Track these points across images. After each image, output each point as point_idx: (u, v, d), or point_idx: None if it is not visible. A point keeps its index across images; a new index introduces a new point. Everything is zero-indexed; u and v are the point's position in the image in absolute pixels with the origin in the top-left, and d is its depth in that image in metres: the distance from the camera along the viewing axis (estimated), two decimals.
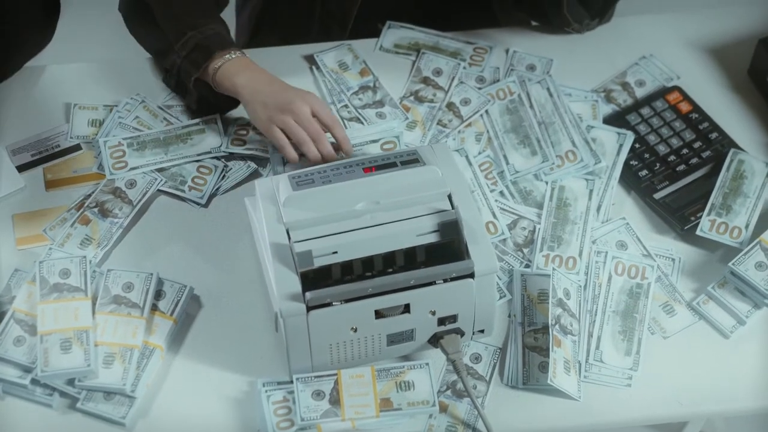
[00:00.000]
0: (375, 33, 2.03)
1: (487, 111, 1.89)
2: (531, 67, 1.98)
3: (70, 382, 1.56)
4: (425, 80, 1.95)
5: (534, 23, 2.10)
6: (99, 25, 2.99)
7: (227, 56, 1.79)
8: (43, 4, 1.94)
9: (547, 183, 1.80)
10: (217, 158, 1.83)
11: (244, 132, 1.85)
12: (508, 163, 1.83)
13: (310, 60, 1.98)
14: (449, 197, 1.56)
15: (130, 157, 1.79)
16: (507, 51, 2.01)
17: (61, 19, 1.98)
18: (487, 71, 1.98)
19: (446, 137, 1.86)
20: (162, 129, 1.84)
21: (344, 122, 1.88)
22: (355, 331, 1.53)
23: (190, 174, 1.81)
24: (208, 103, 1.86)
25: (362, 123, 1.87)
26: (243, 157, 1.84)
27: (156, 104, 1.89)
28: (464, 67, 1.97)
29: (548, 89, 1.91)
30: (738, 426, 2.23)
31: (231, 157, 1.83)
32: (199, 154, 1.82)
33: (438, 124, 1.88)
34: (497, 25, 2.11)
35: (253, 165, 1.83)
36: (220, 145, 1.83)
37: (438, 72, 1.96)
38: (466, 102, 1.91)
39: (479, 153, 1.85)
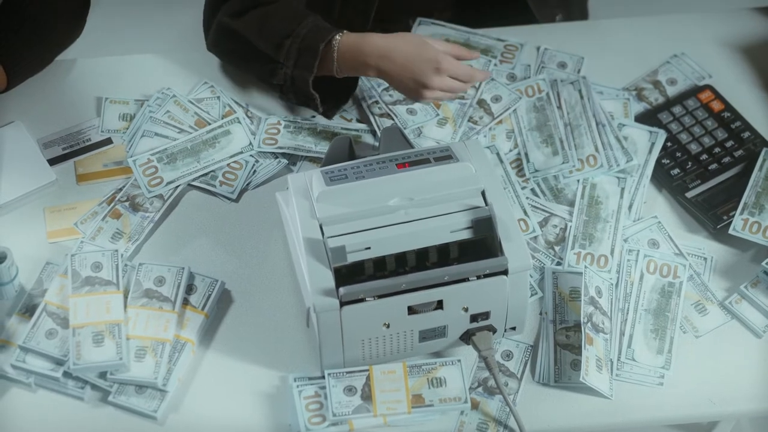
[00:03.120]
0: (406, 30, 2.03)
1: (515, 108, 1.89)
2: (562, 65, 1.97)
3: (102, 375, 1.56)
4: None
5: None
6: (129, 18, 3.00)
7: (333, 42, 1.79)
8: None
9: (578, 181, 1.79)
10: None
11: (275, 131, 1.85)
12: (528, 161, 1.82)
13: None
14: (483, 194, 1.55)
15: (163, 171, 1.79)
16: (538, 48, 2.00)
17: (92, 12, 1.98)
18: (518, 69, 1.97)
19: (477, 134, 1.86)
20: (188, 137, 1.83)
21: (375, 119, 1.89)
22: (388, 327, 1.52)
23: (221, 169, 1.81)
24: (334, 99, 1.88)
25: (393, 119, 1.87)
26: (274, 153, 1.84)
27: (187, 98, 1.89)
28: (495, 65, 1.97)
29: (580, 91, 1.90)
30: (766, 428, 2.23)
31: (261, 152, 1.83)
32: (230, 156, 1.82)
33: (469, 120, 1.88)
34: (527, 21, 2.10)
35: (284, 160, 1.83)
36: (250, 144, 1.83)
37: None
38: (497, 99, 1.90)
39: (510, 150, 1.84)
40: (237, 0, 1.86)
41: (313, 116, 1.90)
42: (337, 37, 1.79)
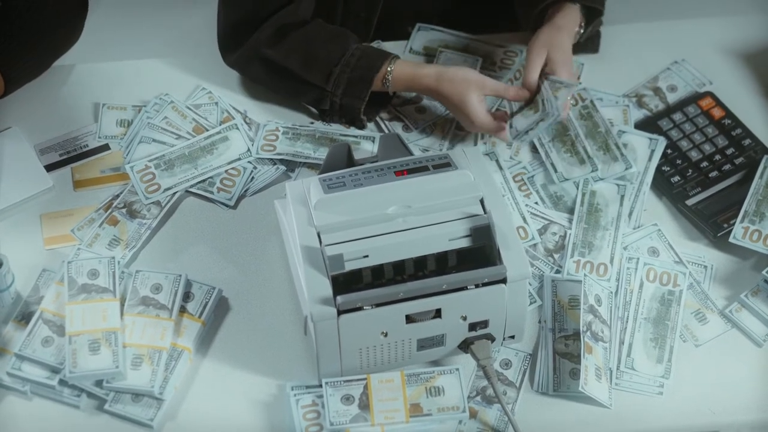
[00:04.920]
0: (405, 36, 2.02)
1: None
2: None
3: (98, 383, 1.55)
4: None
5: None
6: (127, 23, 2.98)
7: (387, 75, 1.81)
8: (70, 3, 1.93)
9: (578, 187, 1.78)
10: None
11: (274, 137, 1.84)
12: (556, 171, 1.81)
13: None
14: (482, 202, 1.54)
15: (160, 178, 1.78)
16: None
17: (89, 17, 1.97)
18: (518, 74, 1.96)
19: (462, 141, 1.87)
20: (186, 144, 1.83)
21: (385, 123, 1.89)
22: (386, 335, 1.52)
23: (219, 176, 1.80)
24: (374, 107, 1.89)
25: (403, 121, 1.88)
26: (272, 160, 1.83)
27: (184, 104, 1.89)
28: (494, 71, 1.96)
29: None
30: None
31: (260, 159, 1.83)
32: (228, 163, 1.81)
33: (455, 127, 1.88)
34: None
35: (281, 167, 1.82)
36: (248, 150, 1.82)
37: None
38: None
39: (510, 158, 1.83)
40: (268, 28, 1.85)
41: (312, 122, 1.89)
42: (389, 68, 1.81)
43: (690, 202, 1.78)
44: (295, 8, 1.86)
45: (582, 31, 1.88)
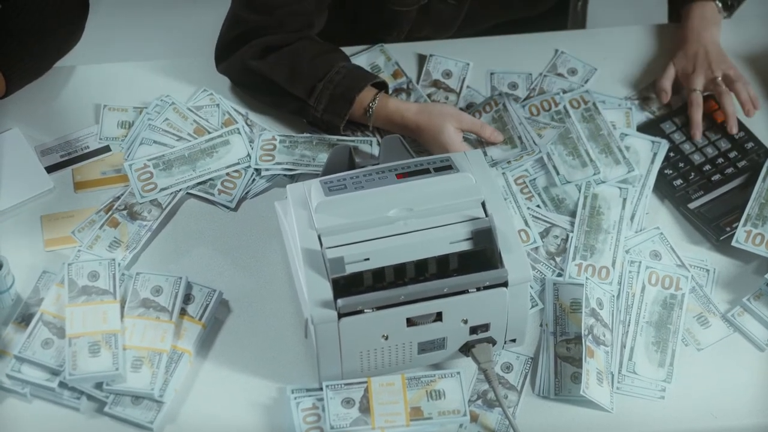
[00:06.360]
0: None
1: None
2: (573, 71, 1.96)
3: (98, 385, 1.55)
4: (436, 83, 1.95)
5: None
6: (128, 25, 2.99)
7: (371, 104, 1.82)
8: (71, 4, 1.93)
9: (579, 190, 1.78)
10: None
11: (271, 147, 1.83)
12: (558, 174, 1.80)
13: None
14: (483, 205, 1.54)
15: (158, 177, 1.78)
16: (556, 51, 2.00)
17: (90, 19, 1.97)
18: (521, 78, 1.96)
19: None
20: (186, 145, 1.82)
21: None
22: (386, 338, 1.51)
23: (220, 177, 1.80)
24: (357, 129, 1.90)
25: None
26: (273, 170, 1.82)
27: (186, 106, 1.88)
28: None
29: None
30: None
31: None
32: (227, 167, 1.80)
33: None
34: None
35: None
36: (248, 155, 1.82)
37: (447, 74, 1.95)
38: (471, 106, 1.90)
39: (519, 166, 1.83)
40: (256, 44, 1.85)
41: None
42: (374, 101, 1.82)
43: (692, 205, 1.78)
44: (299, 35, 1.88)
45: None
